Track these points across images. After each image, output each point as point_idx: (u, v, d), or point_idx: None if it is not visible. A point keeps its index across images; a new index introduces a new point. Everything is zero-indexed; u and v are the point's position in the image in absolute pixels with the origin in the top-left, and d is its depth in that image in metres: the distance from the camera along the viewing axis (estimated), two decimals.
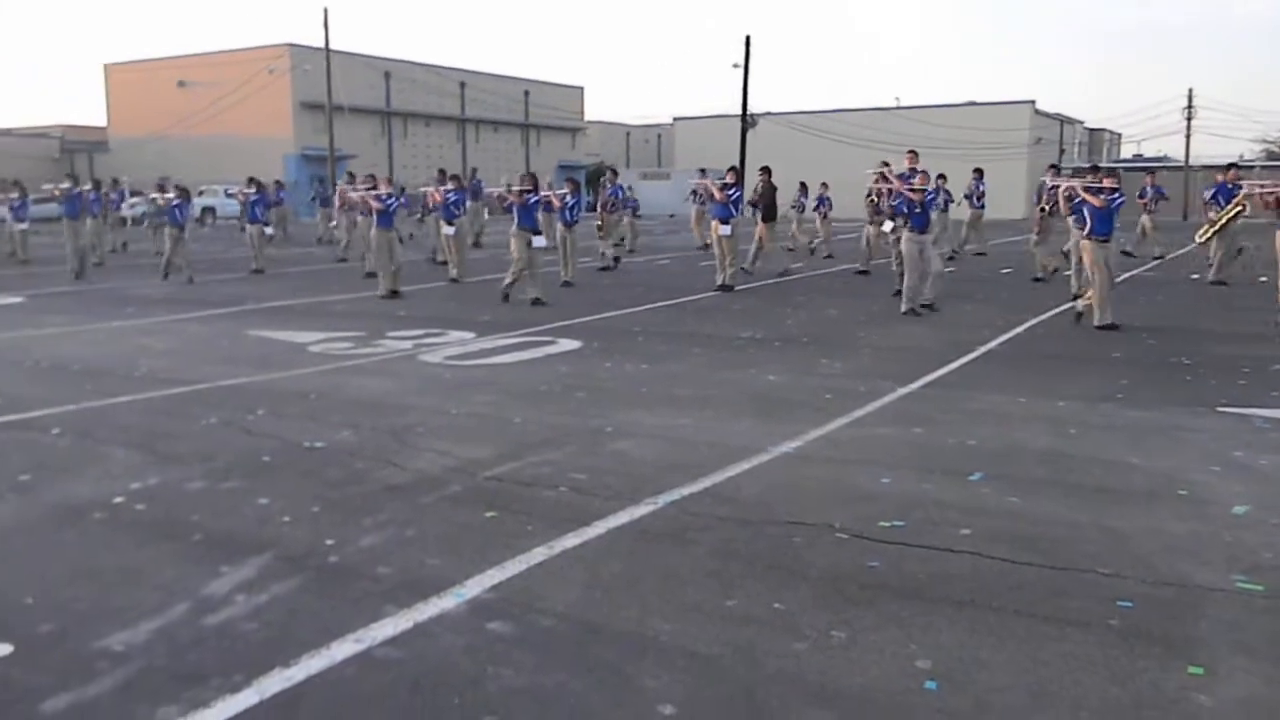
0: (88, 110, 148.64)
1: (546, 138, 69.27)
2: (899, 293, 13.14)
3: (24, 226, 22.35)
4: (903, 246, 12.82)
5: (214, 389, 8.20)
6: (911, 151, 14.38)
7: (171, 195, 18.58)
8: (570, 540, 4.56)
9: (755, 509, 5.01)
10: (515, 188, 14.21)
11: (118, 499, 5.26)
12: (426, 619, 3.74)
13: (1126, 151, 68.28)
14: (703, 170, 18.45)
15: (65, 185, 21.45)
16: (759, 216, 18.57)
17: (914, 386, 8.07)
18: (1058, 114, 60.18)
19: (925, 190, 12.69)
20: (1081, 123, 64.98)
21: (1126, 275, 17.08)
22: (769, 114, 51.96)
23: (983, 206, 22.99)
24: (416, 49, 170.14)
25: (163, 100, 54.31)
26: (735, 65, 45.90)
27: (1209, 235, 16.59)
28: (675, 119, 65.82)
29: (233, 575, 4.18)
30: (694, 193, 26.11)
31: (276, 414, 7.24)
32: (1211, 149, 54.18)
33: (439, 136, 61.91)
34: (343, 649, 3.49)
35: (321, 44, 44.40)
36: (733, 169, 16.57)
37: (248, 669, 3.35)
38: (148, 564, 4.35)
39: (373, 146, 56.08)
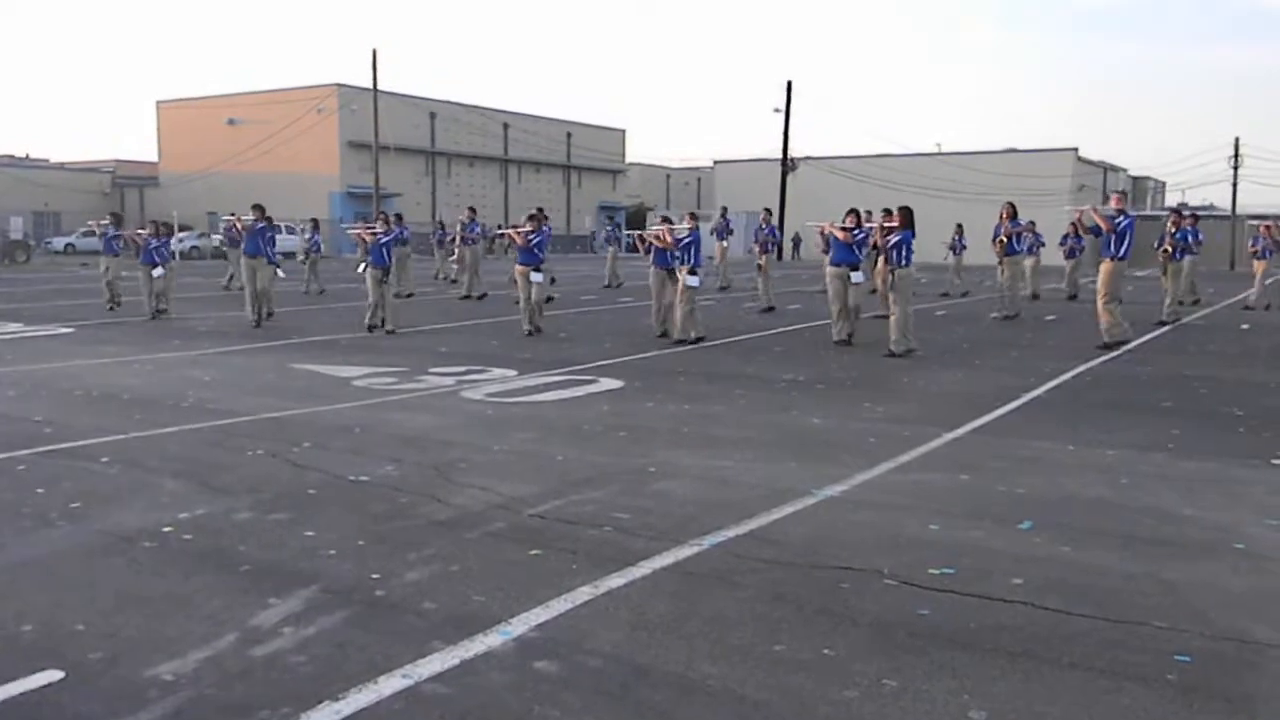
0: (139, 146, 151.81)
1: (588, 179, 70.01)
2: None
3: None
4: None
5: (260, 421, 8.28)
6: (1120, 192, 14.46)
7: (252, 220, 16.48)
8: (615, 580, 4.54)
9: (802, 553, 4.96)
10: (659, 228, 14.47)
11: (166, 528, 5.31)
12: (473, 656, 3.72)
13: (1171, 200, 67.69)
14: (878, 213, 16.16)
15: (249, 218, 17.11)
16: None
17: (960, 432, 7.99)
18: (1101, 161, 59.88)
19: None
20: (1125, 170, 64.60)
21: (1176, 324, 16.89)
22: (809, 158, 52.17)
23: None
24: (462, 90, 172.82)
25: (213, 137, 55.55)
26: (776, 110, 46.33)
27: None
28: (716, 162, 66.22)
29: (280, 607, 4.19)
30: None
31: (321, 447, 7.29)
32: (1259, 198, 53.48)
33: (482, 176, 62.76)
34: (390, 684, 3.48)
35: (369, 84, 45.26)
36: (854, 211, 14.80)
37: (296, 702, 3.35)
38: (196, 593, 4.38)
39: (416, 185, 56.95)
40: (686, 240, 14.05)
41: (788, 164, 47.65)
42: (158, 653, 3.73)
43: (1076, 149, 55.25)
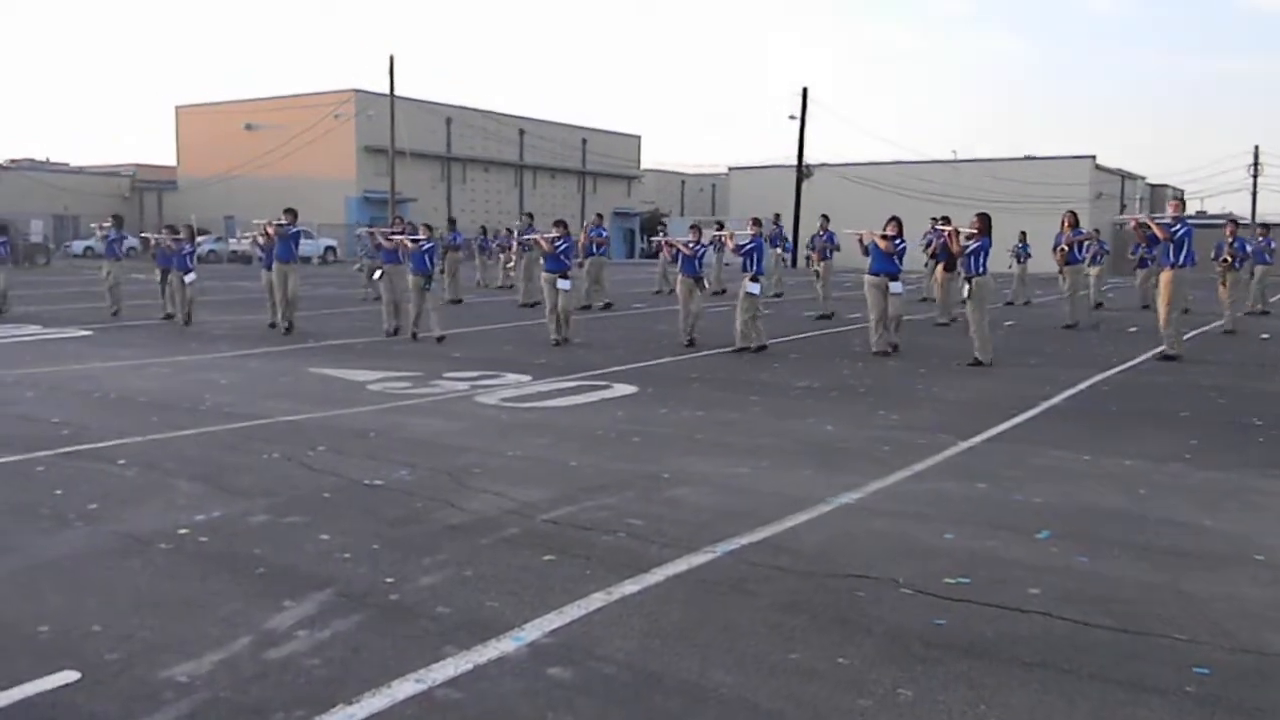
0: (159, 151, 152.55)
1: (603, 185, 70.05)
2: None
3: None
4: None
5: (276, 424, 8.31)
6: (1177, 200, 14.45)
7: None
8: (629, 587, 4.53)
9: (816, 561, 4.94)
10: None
11: (182, 530, 5.33)
12: (486, 661, 3.72)
13: (1190, 208, 67.30)
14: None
15: (281, 221, 16.39)
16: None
17: (975, 440, 7.95)
18: (1119, 169, 59.57)
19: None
20: (1143, 178, 64.23)
21: (1197, 332, 16.77)
22: (825, 165, 52.07)
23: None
24: (477, 96, 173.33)
25: (231, 142, 55.86)
26: (792, 117, 46.24)
27: None
28: (730, 169, 66.15)
29: (295, 610, 4.20)
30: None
31: (336, 451, 7.31)
32: (1278, 206, 53.13)
33: (498, 182, 62.87)
34: (404, 688, 3.48)
35: (386, 90, 45.43)
36: (895, 219, 14.04)
37: (310, 705, 3.35)
38: (211, 596, 4.39)
39: (432, 190, 57.07)
40: (749, 246, 13.72)
41: (803, 171, 47.56)
42: (173, 654, 3.74)
43: (1094, 156, 54.93)
